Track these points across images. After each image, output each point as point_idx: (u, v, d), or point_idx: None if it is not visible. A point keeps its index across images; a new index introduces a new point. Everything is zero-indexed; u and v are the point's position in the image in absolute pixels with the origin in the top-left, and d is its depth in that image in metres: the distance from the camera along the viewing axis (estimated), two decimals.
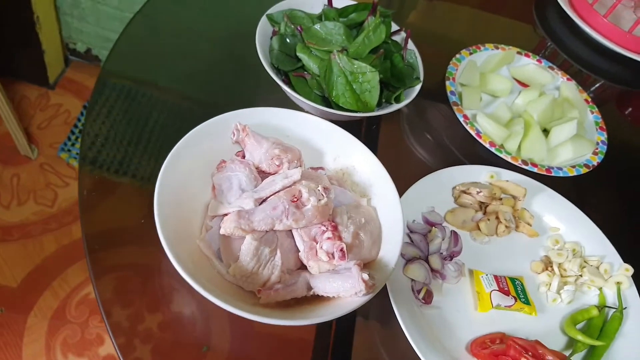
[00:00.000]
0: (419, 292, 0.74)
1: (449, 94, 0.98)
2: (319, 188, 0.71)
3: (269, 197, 0.70)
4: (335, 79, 0.84)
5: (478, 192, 0.83)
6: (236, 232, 0.66)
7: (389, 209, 0.74)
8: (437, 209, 0.84)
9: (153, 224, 0.63)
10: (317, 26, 0.90)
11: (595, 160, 0.97)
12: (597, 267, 0.83)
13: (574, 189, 0.95)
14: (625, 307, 0.79)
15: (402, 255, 0.77)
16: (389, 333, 0.73)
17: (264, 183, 0.73)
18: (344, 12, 0.94)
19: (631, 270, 0.82)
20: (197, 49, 1.03)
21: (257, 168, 0.76)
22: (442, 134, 1.00)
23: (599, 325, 0.77)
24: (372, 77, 0.84)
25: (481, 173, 0.88)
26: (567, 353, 0.75)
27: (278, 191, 0.71)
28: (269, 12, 0.93)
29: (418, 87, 0.90)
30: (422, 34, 1.09)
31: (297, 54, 0.88)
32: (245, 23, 0.98)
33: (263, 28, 0.91)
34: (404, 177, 0.85)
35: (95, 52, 2.22)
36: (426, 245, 0.78)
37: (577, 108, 1.03)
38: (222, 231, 0.66)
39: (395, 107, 0.86)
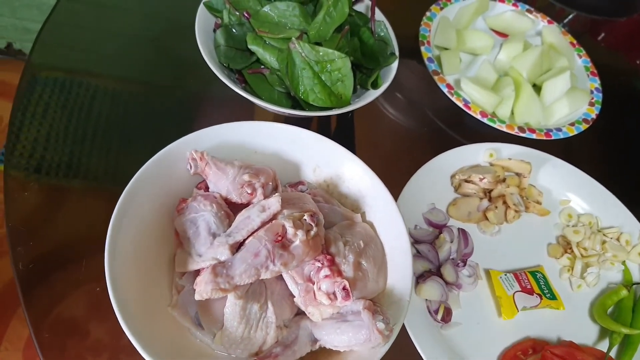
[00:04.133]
0: (436, 312, 0.62)
1: (426, 61, 0.83)
2: (305, 217, 0.56)
3: (246, 238, 0.55)
4: (299, 72, 0.67)
5: (481, 179, 0.70)
6: (215, 295, 0.51)
7: (389, 223, 0.61)
8: (438, 204, 0.71)
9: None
10: (267, 9, 0.72)
11: (594, 113, 0.85)
12: (618, 239, 0.72)
13: (577, 150, 0.84)
14: None
15: None
16: None
17: (238, 221, 0.57)
18: None
19: None
20: (130, 30, 0.84)
21: (225, 200, 0.60)
22: (426, 111, 0.86)
23: (630, 306, 0.68)
24: (343, 64, 0.67)
25: (478, 152, 0.75)
26: (603, 344, 0.66)
27: (257, 229, 0.56)
28: None
29: (395, 65, 0.74)
30: None
31: (249, 46, 0.70)
32: (183, 13, 0.78)
33: (203, 20, 0.72)
34: (392, 171, 0.71)
35: (18, 45, 1.92)
36: (436, 255, 0.65)
37: (565, 55, 0.89)
38: (197, 297, 0.51)
39: (374, 94, 0.70)
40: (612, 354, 0.65)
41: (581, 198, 0.76)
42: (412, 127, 0.82)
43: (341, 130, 0.79)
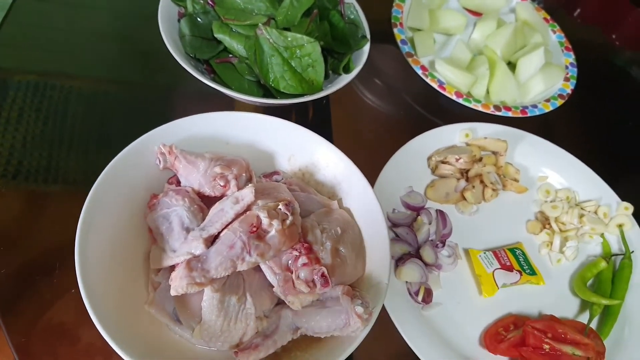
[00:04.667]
0: (416, 293, 0.61)
1: (399, 43, 0.81)
2: (280, 206, 0.55)
3: (221, 231, 0.54)
4: (268, 60, 0.66)
5: (457, 160, 0.69)
6: (191, 289, 0.50)
7: (366, 208, 0.60)
8: (416, 186, 0.70)
9: None
10: None
11: (569, 88, 0.84)
12: (596, 212, 0.72)
13: (553, 125, 0.83)
14: (633, 251, 0.70)
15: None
16: (392, 348, 0.61)
17: (212, 214, 0.56)
18: None
19: (631, 209, 0.72)
20: (97, 28, 0.81)
21: (198, 194, 0.58)
22: (402, 94, 0.85)
23: (610, 277, 0.68)
24: (313, 48, 0.66)
25: (454, 133, 0.74)
26: (583, 316, 0.66)
27: (231, 222, 0.54)
28: None
29: (367, 48, 0.72)
30: None
31: (215, 35, 0.68)
32: (146, 3, 0.76)
33: (166, 9, 0.70)
34: (370, 155, 0.70)
35: None
36: (414, 237, 0.64)
37: (539, 31, 0.88)
38: (173, 292, 0.50)
39: (347, 78, 0.69)
40: (593, 325, 0.65)
41: (559, 173, 0.76)
42: (388, 111, 0.81)
43: (317, 117, 0.77)
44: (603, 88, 0.97)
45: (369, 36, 0.73)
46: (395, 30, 0.82)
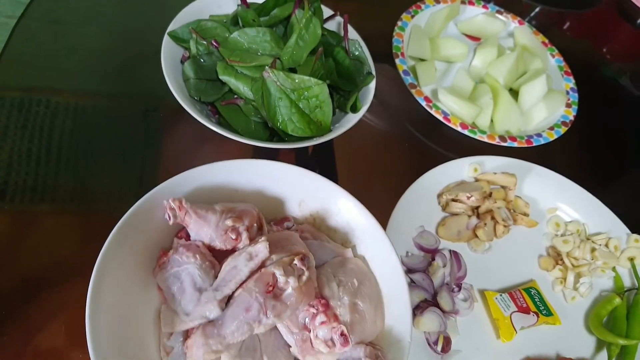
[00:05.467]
0: (435, 343, 0.58)
1: (402, 74, 0.79)
2: (296, 261, 0.52)
3: (235, 290, 0.51)
4: (275, 102, 0.62)
5: (469, 197, 0.67)
6: (208, 358, 0.47)
7: (382, 256, 0.57)
8: (427, 225, 0.67)
9: None
10: (236, 35, 0.66)
11: (571, 115, 0.82)
12: (607, 245, 0.70)
13: (559, 154, 0.81)
14: None
15: None
16: None
17: (225, 272, 0.52)
18: (263, 9, 0.70)
19: None
20: (93, 68, 0.76)
21: (209, 247, 0.55)
22: (406, 126, 0.82)
23: (624, 314, 0.66)
24: (320, 90, 0.63)
25: (462, 167, 0.71)
26: (601, 355, 0.64)
27: (245, 280, 0.51)
28: (170, 29, 0.68)
29: (373, 85, 0.69)
30: (351, 9, 0.85)
31: (220, 77, 0.65)
32: (147, 43, 0.71)
33: (169, 51, 0.66)
34: (379, 194, 0.67)
35: None
36: (430, 283, 0.62)
37: (538, 55, 0.86)
38: None
39: (355, 118, 0.66)
40: None
41: (568, 205, 0.74)
42: (394, 145, 0.78)
43: (321, 156, 0.74)
44: (604, 109, 0.95)
45: (374, 72, 0.71)
46: (397, 61, 0.80)
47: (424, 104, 0.76)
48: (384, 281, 0.57)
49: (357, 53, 0.72)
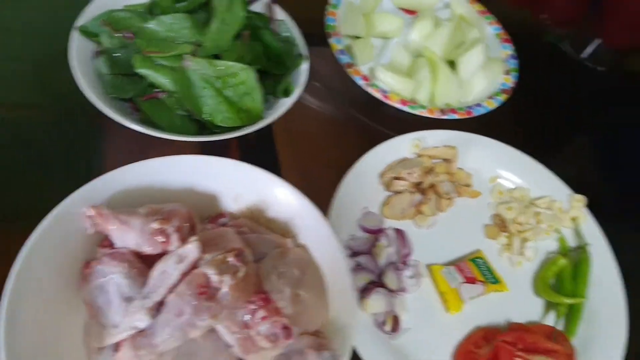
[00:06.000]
0: (383, 324, 0.57)
1: (337, 54, 0.75)
2: (230, 258, 0.48)
3: (165, 296, 0.47)
4: (199, 92, 0.58)
5: (410, 174, 0.64)
6: None
7: (322, 243, 0.54)
8: (371, 206, 0.65)
9: None
10: (153, 24, 0.61)
11: (511, 82, 0.81)
12: (550, 208, 0.69)
13: (500, 122, 0.79)
14: (589, 244, 0.67)
15: None
16: None
17: (154, 278, 0.48)
18: None
19: (584, 200, 0.69)
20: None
21: (138, 253, 0.51)
22: (346, 106, 0.79)
23: (570, 274, 0.65)
24: (247, 76, 0.59)
25: (403, 144, 0.69)
26: (551, 316, 0.63)
27: (176, 284, 0.48)
28: (79, 23, 0.62)
29: (305, 67, 0.66)
30: None
31: (137, 70, 0.60)
32: (54, 41, 0.64)
33: (80, 47, 0.60)
34: (323, 179, 0.64)
35: None
36: (375, 264, 0.59)
37: (475, 25, 0.84)
38: None
39: (288, 102, 0.63)
40: (561, 326, 0.63)
41: (510, 172, 0.73)
42: (335, 127, 0.75)
43: (262, 145, 0.70)
44: (544, 74, 0.94)
45: (306, 53, 0.67)
46: (332, 41, 0.76)
47: (361, 83, 0.73)
48: (327, 268, 0.54)
49: (286, 34, 0.68)
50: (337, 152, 0.73)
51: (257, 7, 0.71)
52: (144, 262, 0.52)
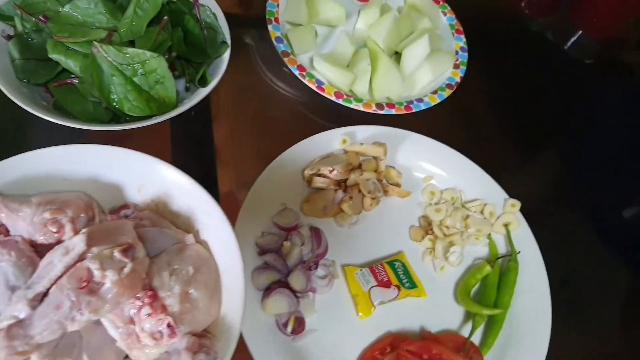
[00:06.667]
0: (285, 325, 0.57)
1: (274, 41, 0.74)
2: (116, 253, 0.49)
3: (48, 287, 0.48)
4: (109, 80, 0.58)
5: (331, 171, 0.64)
6: None
7: (222, 241, 0.54)
8: (291, 202, 0.65)
9: None
10: (68, 8, 0.61)
11: (458, 76, 0.79)
12: (482, 212, 0.68)
13: (440, 119, 0.78)
14: (519, 252, 0.67)
15: (256, 287, 0.59)
16: None
17: (41, 269, 0.50)
18: None
19: (518, 205, 0.68)
20: None
21: (32, 242, 0.52)
22: (283, 97, 0.77)
23: (496, 282, 0.65)
24: (158, 64, 0.59)
25: (333, 140, 0.68)
26: (468, 326, 0.62)
27: (61, 276, 0.48)
28: None
29: (227, 55, 0.65)
30: None
31: (50, 55, 0.60)
32: None
33: None
34: (251, 172, 0.63)
35: None
36: (283, 263, 0.59)
37: (427, 14, 0.82)
38: None
39: (203, 92, 0.62)
40: (477, 336, 0.63)
41: (444, 172, 0.72)
42: (269, 117, 0.74)
43: (193, 134, 0.70)
44: (494, 70, 0.92)
45: (229, 41, 0.66)
46: (270, 27, 0.75)
47: (296, 73, 0.72)
48: (224, 266, 0.55)
49: (209, 20, 0.67)
50: (269, 142, 0.73)
51: None
52: (43, 252, 0.53)
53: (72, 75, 0.62)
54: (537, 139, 0.87)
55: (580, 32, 1.13)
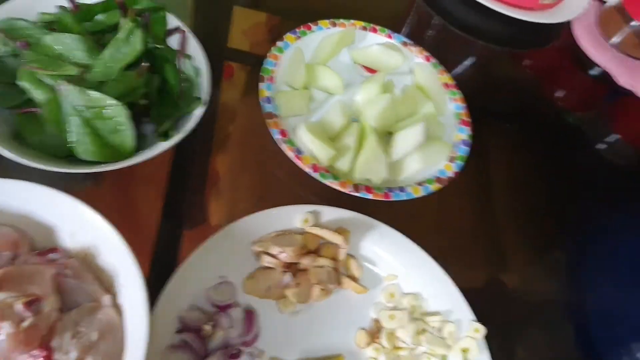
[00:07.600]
0: None
1: (261, 101, 0.73)
2: (19, 305, 0.47)
3: None
4: (66, 119, 0.58)
5: (280, 252, 0.60)
6: None
7: (135, 310, 0.52)
8: (233, 276, 0.62)
9: None
10: (50, 39, 0.62)
11: (451, 170, 0.75)
12: (440, 329, 0.62)
13: (420, 214, 0.73)
14: None
15: None
16: None
17: None
18: (88, 13, 0.66)
19: (482, 331, 0.63)
20: None
21: None
22: (260, 158, 0.76)
23: None
24: (118, 112, 0.58)
25: (293, 216, 0.65)
26: None
27: None
28: None
29: (199, 112, 0.64)
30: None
31: (17, 81, 0.61)
32: None
33: None
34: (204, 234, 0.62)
35: None
36: (201, 345, 0.56)
37: (433, 99, 0.80)
38: None
39: (162, 147, 0.61)
40: None
41: (410, 274, 0.68)
42: (244, 175, 0.73)
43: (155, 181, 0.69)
44: (491, 166, 0.87)
45: (207, 96, 0.65)
46: (262, 86, 0.74)
47: (277, 137, 0.71)
48: (132, 338, 0.52)
49: (189, 73, 0.67)
50: (237, 204, 0.71)
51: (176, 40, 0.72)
52: None
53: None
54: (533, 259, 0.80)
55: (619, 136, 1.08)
